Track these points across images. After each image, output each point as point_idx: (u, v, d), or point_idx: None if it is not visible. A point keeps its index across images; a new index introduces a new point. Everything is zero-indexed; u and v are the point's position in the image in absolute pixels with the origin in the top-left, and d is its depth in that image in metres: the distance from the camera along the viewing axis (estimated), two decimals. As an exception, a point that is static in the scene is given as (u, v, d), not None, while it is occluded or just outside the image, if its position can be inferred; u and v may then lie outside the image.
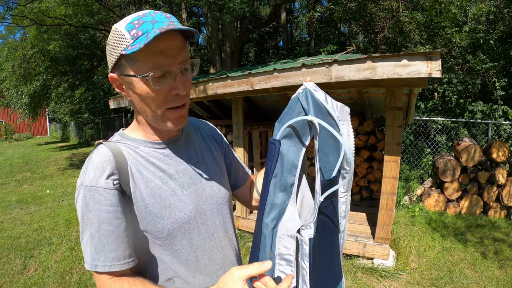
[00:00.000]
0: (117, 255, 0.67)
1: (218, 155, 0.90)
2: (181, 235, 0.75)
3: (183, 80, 0.68)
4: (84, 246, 0.67)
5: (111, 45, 0.66)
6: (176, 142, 0.79)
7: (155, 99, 0.67)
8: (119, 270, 0.67)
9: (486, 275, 2.83)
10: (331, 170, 0.70)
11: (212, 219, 0.81)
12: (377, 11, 7.93)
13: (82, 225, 0.67)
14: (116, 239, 0.66)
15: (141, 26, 0.62)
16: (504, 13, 6.13)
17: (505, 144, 4.33)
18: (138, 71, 0.65)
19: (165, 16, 0.65)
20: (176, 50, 0.65)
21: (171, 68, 0.65)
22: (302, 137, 0.73)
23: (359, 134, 4.52)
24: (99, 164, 0.68)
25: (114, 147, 0.72)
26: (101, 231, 0.66)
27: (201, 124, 0.93)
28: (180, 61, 0.66)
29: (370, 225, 3.51)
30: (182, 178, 0.77)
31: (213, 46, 9.48)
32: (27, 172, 8.25)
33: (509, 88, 6.38)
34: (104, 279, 0.68)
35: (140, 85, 0.66)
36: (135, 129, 0.78)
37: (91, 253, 0.66)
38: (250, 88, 3.06)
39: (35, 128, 21.65)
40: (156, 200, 0.72)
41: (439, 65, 2.14)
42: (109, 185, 0.67)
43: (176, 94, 0.68)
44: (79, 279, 2.83)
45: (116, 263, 0.66)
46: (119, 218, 0.67)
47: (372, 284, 2.70)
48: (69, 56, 8.85)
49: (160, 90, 0.66)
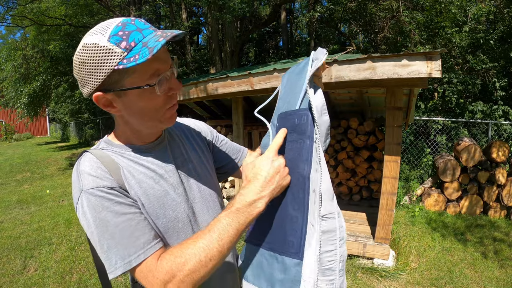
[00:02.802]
0: (146, 239, 0.63)
1: (203, 151, 0.90)
2: (175, 235, 0.75)
3: (176, 80, 0.70)
4: (106, 252, 0.62)
5: (91, 63, 0.61)
6: (160, 144, 0.79)
7: (158, 104, 0.68)
8: (153, 253, 0.63)
9: (486, 275, 2.83)
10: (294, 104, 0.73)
11: (202, 217, 0.82)
12: (377, 11, 7.93)
13: (98, 230, 0.62)
14: (137, 225, 0.64)
15: (130, 37, 0.61)
16: (504, 13, 6.13)
17: (505, 144, 4.33)
18: (137, 82, 0.64)
19: (143, 22, 0.66)
20: (166, 53, 0.68)
21: (167, 72, 0.67)
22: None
23: (359, 134, 4.52)
24: (92, 168, 0.67)
25: (101, 154, 0.71)
26: (119, 225, 0.62)
27: (182, 123, 0.93)
28: (170, 63, 0.69)
29: (370, 225, 3.51)
30: (172, 178, 0.77)
31: (213, 46, 9.47)
32: (27, 172, 8.25)
33: (509, 88, 6.37)
34: (151, 265, 0.62)
35: (141, 95, 0.65)
36: (119, 136, 0.77)
37: (119, 253, 0.61)
38: (250, 88, 3.06)
39: (35, 128, 21.64)
40: (151, 200, 0.72)
41: (439, 65, 2.14)
42: (111, 183, 0.66)
43: (172, 94, 0.70)
44: (79, 279, 2.83)
45: (147, 246, 0.63)
46: (132, 206, 0.66)
47: (372, 284, 2.70)
48: (69, 56, 8.84)
49: (162, 94, 0.68)
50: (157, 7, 12.75)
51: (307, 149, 0.69)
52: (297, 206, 0.68)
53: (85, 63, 0.62)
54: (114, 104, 0.67)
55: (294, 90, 0.75)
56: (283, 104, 0.77)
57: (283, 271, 0.67)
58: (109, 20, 0.65)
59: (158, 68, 0.65)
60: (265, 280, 0.71)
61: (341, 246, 0.68)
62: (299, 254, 0.66)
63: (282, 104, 0.78)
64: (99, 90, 0.64)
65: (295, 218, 0.68)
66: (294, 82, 0.76)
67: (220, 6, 6.46)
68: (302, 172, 0.68)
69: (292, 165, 0.70)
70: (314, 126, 0.69)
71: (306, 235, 0.66)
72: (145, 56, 0.58)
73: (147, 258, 0.62)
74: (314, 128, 0.69)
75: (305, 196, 0.67)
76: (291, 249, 0.67)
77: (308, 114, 0.69)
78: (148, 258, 0.62)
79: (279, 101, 0.80)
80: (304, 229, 0.66)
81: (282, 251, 0.69)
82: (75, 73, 0.66)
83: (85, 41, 0.62)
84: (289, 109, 0.74)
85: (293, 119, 0.72)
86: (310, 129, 0.69)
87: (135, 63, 0.59)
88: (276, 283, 0.68)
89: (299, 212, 0.67)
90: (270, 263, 0.71)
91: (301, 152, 0.69)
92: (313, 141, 0.68)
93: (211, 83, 3.43)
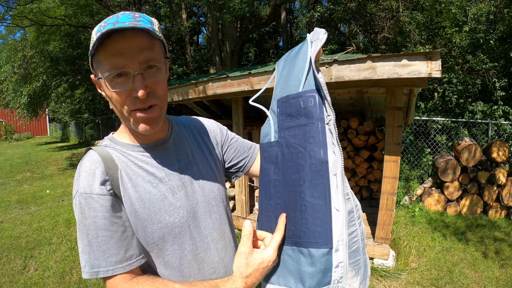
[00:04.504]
0: (119, 259, 0.66)
1: (210, 152, 0.87)
2: (172, 240, 0.73)
3: (143, 81, 0.63)
4: (81, 253, 0.66)
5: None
6: (164, 144, 0.77)
7: (118, 100, 0.65)
8: (122, 273, 0.66)
9: (486, 275, 2.83)
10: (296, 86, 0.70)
11: (205, 221, 0.80)
12: (377, 11, 7.93)
13: (79, 232, 0.66)
14: (115, 244, 0.66)
15: (104, 28, 0.60)
16: (504, 13, 6.13)
17: (505, 144, 4.33)
18: (100, 72, 0.65)
19: (132, 15, 0.62)
20: (134, 50, 0.62)
21: (127, 69, 0.62)
22: None
23: (359, 134, 4.52)
24: (90, 171, 0.67)
25: (103, 152, 0.71)
26: (99, 237, 0.65)
27: (193, 122, 0.90)
28: (140, 61, 0.63)
29: (370, 225, 3.51)
30: (172, 181, 0.75)
31: (213, 46, 9.47)
32: (27, 172, 8.25)
33: (509, 88, 6.37)
34: (118, 283, 0.66)
35: (104, 87, 0.66)
36: (123, 132, 0.76)
37: (89, 261, 0.65)
38: (250, 88, 3.06)
39: (35, 128, 21.65)
40: (146, 205, 0.70)
41: (439, 65, 2.14)
42: (103, 191, 0.66)
43: (136, 97, 0.64)
44: (79, 279, 2.83)
45: (118, 266, 0.65)
46: (116, 223, 0.67)
47: (372, 284, 2.70)
48: (69, 56, 8.85)
49: (120, 92, 0.64)
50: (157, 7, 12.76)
51: (320, 131, 0.65)
52: (317, 193, 0.64)
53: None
54: (100, 90, 0.71)
55: (293, 73, 0.71)
56: (282, 89, 0.73)
57: (312, 264, 0.64)
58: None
59: (116, 63, 0.61)
60: (292, 278, 0.66)
61: (360, 224, 0.67)
62: (328, 242, 0.63)
63: (280, 89, 0.73)
64: (92, 73, 0.70)
65: (316, 206, 0.64)
66: (292, 66, 0.72)
67: (220, 6, 6.46)
68: (318, 157, 0.64)
69: (301, 150, 0.66)
70: (323, 107, 0.65)
71: (332, 221, 0.63)
72: (93, 48, 0.60)
73: (116, 276, 0.66)
74: (325, 109, 0.65)
75: (324, 181, 0.64)
76: (319, 239, 0.63)
77: (315, 96, 0.65)
78: (116, 275, 0.66)
79: (277, 86, 0.75)
80: (329, 215, 0.63)
81: (307, 243, 0.65)
82: None
83: None
84: (291, 93, 0.70)
85: (298, 103, 0.68)
86: (320, 111, 0.65)
87: (91, 53, 0.62)
88: (305, 277, 0.64)
89: (320, 199, 0.64)
90: (295, 258, 0.66)
91: (313, 136, 0.65)
92: (324, 123, 0.65)
93: (211, 83, 3.43)
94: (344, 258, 0.64)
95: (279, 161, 0.71)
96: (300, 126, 0.67)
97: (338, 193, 0.64)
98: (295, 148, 0.68)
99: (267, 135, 0.75)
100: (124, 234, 0.68)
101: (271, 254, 0.64)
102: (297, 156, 0.67)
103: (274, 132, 0.73)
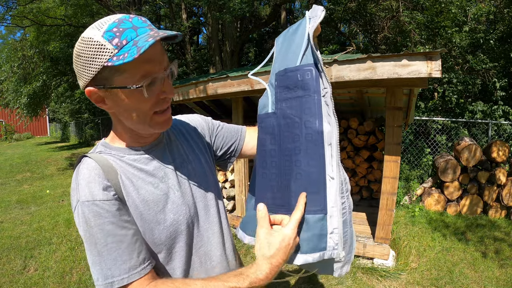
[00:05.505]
0: (132, 264, 0.63)
1: (201, 150, 0.88)
2: (178, 238, 0.74)
3: (170, 84, 0.68)
4: (92, 266, 0.63)
5: (85, 57, 0.61)
6: (158, 145, 0.78)
7: (145, 106, 0.66)
8: (138, 278, 0.64)
9: (486, 275, 2.83)
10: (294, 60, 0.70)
11: (204, 217, 0.82)
12: (377, 11, 7.93)
13: (87, 244, 0.63)
14: (126, 249, 0.63)
15: (123, 34, 0.59)
16: (504, 13, 6.13)
17: (505, 144, 4.33)
18: (126, 81, 0.62)
19: (142, 20, 0.63)
20: (160, 55, 0.65)
21: (159, 75, 0.64)
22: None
23: (359, 134, 4.52)
24: (90, 177, 0.65)
25: (100, 158, 0.69)
26: (108, 245, 0.62)
27: (178, 122, 0.92)
28: (165, 65, 0.66)
29: (370, 225, 3.51)
30: (171, 180, 0.76)
31: (213, 46, 9.47)
32: (27, 172, 8.25)
33: (509, 88, 6.37)
34: None
35: (129, 96, 0.64)
36: (116, 138, 0.75)
37: (101, 272, 0.62)
38: (250, 88, 3.06)
39: (35, 128, 21.66)
40: (150, 206, 0.70)
41: (439, 65, 2.14)
42: (107, 196, 0.65)
43: (164, 98, 0.68)
44: (79, 279, 2.83)
45: (133, 272, 0.63)
46: (125, 227, 0.65)
47: (372, 284, 2.70)
48: (69, 56, 8.84)
49: (151, 97, 0.65)
50: (157, 7, 12.75)
51: (316, 103, 0.67)
52: (312, 162, 0.66)
53: (81, 56, 0.62)
54: (106, 101, 0.67)
55: (292, 48, 0.72)
56: (281, 63, 0.75)
57: (307, 229, 0.66)
58: (110, 15, 0.64)
59: (149, 70, 0.62)
60: None
61: (348, 197, 0.69)
62: (323, 208, 0.66)
63: (279, 63, 0.75)
64: (92, 85, 0.64)
65: (312, 174, 0.66)
66: (290, 41, 0.74)
67: (220, 6, 6.46)
68: (313, 127, 0.67)
69: (297, 121, 0.69)
70: (319, 80, 0.67)
71: (326, 189, 0.66)
72: (133, 56, 0.57)
73: (133, 283, 0.63)
74: (321, 82, 0.67)
75: (319, 150, 0.66)
76: (314, 206, 0.66)
77: (312, 69, 0.67)
78: (134, 282, 0.63)
79: (275, 61, 0.77)
80: (324, 183, 0.66)
81: None
82: (73, 65, 0.66)
83: (83, 34, 0.62)
84: (289, 67, 0.71)
85: (295, 76, 0.69)
86: (316, 84, 0.67)
87: (123, 62, 0.58)
88: (302, 242, 0.67)
89: (315, 167, 0.66)
90: None
91: (309, 107, 0.67)
92: (321, 96, 0.67)
93: (211, 83, 3.43)
94: (338, 225, 0.66)
95: (275, 131, 0.73)
96: (297, 97, 0.69)
97: (333, 162, 0.66)
98: (291, 118, 0.70)
99: (264, 107, 0.77)
100: (134, 237, 0.66)
101: (292, 232, 0.64)
102: (293, 126, 0.69)
103: (272, 104, 0.74)
